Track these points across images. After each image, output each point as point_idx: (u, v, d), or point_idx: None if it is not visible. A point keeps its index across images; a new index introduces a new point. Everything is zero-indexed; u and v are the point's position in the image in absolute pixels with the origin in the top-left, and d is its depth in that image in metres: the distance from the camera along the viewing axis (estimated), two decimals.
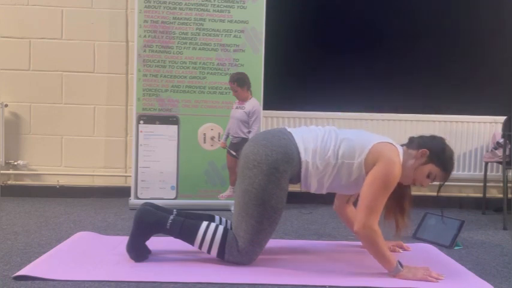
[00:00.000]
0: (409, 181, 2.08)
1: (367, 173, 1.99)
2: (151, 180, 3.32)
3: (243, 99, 3.38)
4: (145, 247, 2.07)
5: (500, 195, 3.52)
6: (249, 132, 3.35)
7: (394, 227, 2.14)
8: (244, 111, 3.37)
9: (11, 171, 3.65)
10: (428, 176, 2.05)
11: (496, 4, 3.76)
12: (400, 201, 2.12)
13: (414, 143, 2.09)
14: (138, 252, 2.04)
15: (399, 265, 1.92)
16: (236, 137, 3.37)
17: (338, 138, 2.05)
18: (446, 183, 2.12)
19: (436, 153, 2.03)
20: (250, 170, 1.98)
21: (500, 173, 3.62)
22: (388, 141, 2.06)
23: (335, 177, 2.04)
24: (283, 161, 1.97)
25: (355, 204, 2.25)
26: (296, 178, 2.07)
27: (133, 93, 3.35)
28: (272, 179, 1.95)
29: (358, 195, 2.02)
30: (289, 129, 2.11)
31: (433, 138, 2.10)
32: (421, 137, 2.11)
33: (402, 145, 2.12)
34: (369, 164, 1.99)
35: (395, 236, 2.18)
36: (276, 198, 1.97)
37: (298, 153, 2.01)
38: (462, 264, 2.17)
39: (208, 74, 3.36)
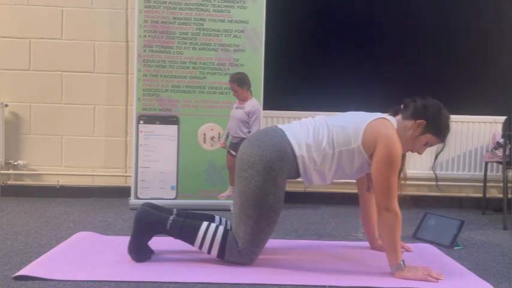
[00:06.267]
0: (407, 150, 2.10)
1: (369, 155, 1.99)
2: (151, 180, 3.32)
3: (243, 99, 3.38)
4: (148, 248, 2.07)
5: (500, 195, 3.51)
6: (249, 132, 3.35)
7: None
8: (244, 111, 3.37)
9: (11, 171, 3.65)
10: (425, 144, 2.08)
11: (495, 4, 3.76)
12: None
13: (409, 110, 2.07)
14: (140, 253, 2.03)
15: (403, 264, 1.93)
16: (236, 137, 3.36)
17: (329, 127, 2.04)
18: (446, 183, 2.12)
19: (433, 123, 2.04)
20: (246, 171, 1.98)
21: (500, 173, 3.61)
22: (379, 117, 2.05)
23: (337, 166, 2.03)
24: (278, 160, 1.97)
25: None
26: (295, 174, 2.06)
27: (133, 93, 3.35)
28: (268, 178, 1.95)
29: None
30: (280, 127, 2.10)
31: (429, 105, 2.06)
32: (416, 104, 2.07)
33: (397, 113, 2.11)
34: (368, 145, 1.98)
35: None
36: (273, 198, 1.97)
37: (292, 149, 2.00)
38: (462, 264, 2.16)
39: (208, 74, 3.36)
